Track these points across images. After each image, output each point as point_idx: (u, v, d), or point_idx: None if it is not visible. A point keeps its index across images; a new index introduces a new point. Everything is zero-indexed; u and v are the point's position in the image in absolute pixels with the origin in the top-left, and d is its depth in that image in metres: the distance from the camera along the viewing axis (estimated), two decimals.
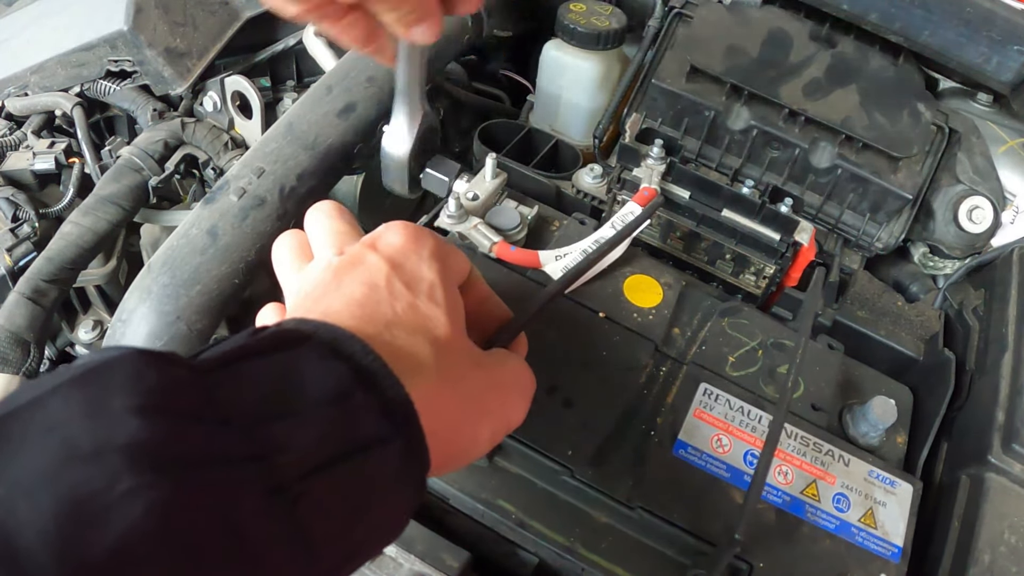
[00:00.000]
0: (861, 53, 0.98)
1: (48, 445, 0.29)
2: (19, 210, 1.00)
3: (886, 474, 0.67)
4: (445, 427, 0.42)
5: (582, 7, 1.08)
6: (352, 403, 0.37)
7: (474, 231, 0.75)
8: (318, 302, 0.44)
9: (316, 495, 0.34)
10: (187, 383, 0.33)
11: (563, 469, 0.63)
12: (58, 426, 0.29)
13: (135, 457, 0.29)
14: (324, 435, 0.35)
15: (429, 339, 0.43)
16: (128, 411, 0.30)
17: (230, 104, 1.08)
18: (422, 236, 0.49)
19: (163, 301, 0.77)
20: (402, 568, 0.68)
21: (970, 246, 0.95)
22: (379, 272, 0.45)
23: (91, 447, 0.29)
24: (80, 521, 0.27)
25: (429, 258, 0.48)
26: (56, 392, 0.31)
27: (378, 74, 0.92)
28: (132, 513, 0.28)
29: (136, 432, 0.30)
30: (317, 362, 0.37)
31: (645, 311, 0.74)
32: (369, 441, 0.37)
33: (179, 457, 0.30)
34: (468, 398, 0.45)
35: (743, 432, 0.67)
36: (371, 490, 0.37)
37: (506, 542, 0.71)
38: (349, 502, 0.36)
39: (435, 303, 0.46)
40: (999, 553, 0.65)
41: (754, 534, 0.62)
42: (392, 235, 0.49)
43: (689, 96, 0.93)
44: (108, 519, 0.27)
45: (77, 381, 0.31)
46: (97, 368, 0.32)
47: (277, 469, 0.33)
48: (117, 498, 0.28)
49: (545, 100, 1.15)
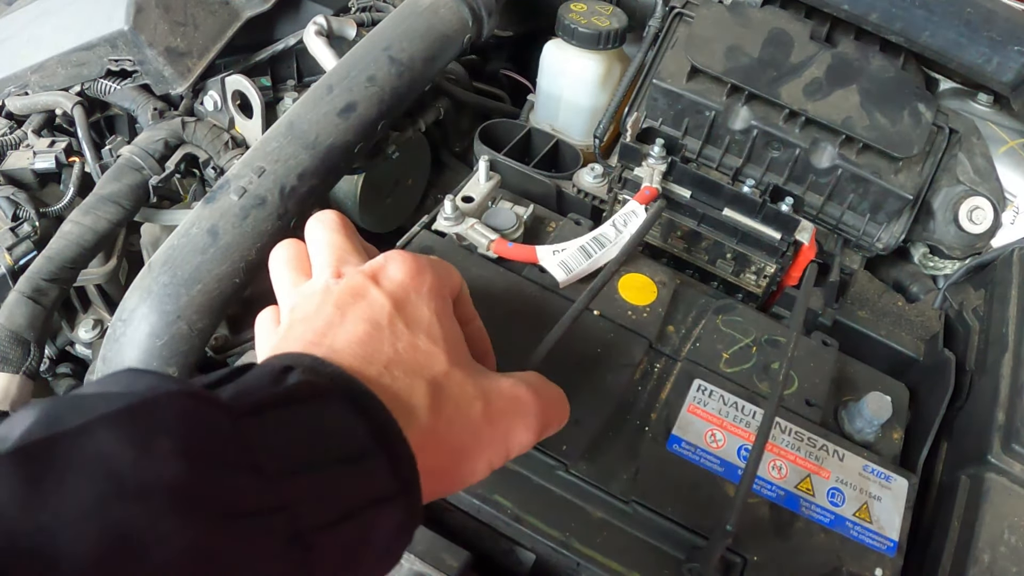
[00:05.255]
0: (862, 53, 0.98)
1: (95, 478, 0.29)
2: (19, 209, 1.00)
3: (881, 469, 0.67)
4: (438, 467, 0.44)
5: (583, 7, 1.08)
6: (368, 464, 0.39)
7: (471, 231, 0.76)
8: (322, 336, 0.45)
9: (327, 544, 0.36)
10: (226, 429, 0.34)
11: (558, 464, 0.63)
12: (105, 460, 0.30)
13: (178, 499, 0.30)
14: (341, 491, 0.37)
15: (427, 379, 0.45)
16: (174, 454, 0.31)
17: (230, 103, 1.08)
18: (423, 271, 0.50)
19: (164, 300, 0.77)
20: (402, 568, 0.68)
21: (970, 246, 0.94)
22: (382, 311, 0.46)
23: (137, 485, 0.30)
24: (122, 556, 0.28)
25: (428, 295, 0.49)
26: (103, 423, 0.31)
27: (379, 74, 0.93)
28: (170, 554, 0.29)
29: (180, 475, 0.31)
30: (338, 417, 0.39)
31: (639, 309, 0.74)
32: (380, 497, 0.39)
33: (217, 503, 0.32)
34: (464, 434, 0.46)
35: (737, 427, 0.67)
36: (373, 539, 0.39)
37: (504, 539, 0.70)
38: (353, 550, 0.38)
39: (433, 341, 0.47)
40: (999, 553, 0.64)
41: (748, 528, 0.62)
42: (394, 269, 0.49)
43: (690, 96, 0.93)
44: (148, 556, 0.29)
45: (125, 416, 0.32)
46: (146, 405, 0.33)
47: (298, 519, 0.34)
48: (158, 537, 0.29)
49: (546, 100, 1.15)
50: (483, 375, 0.49)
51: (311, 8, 1.16)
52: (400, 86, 0.94)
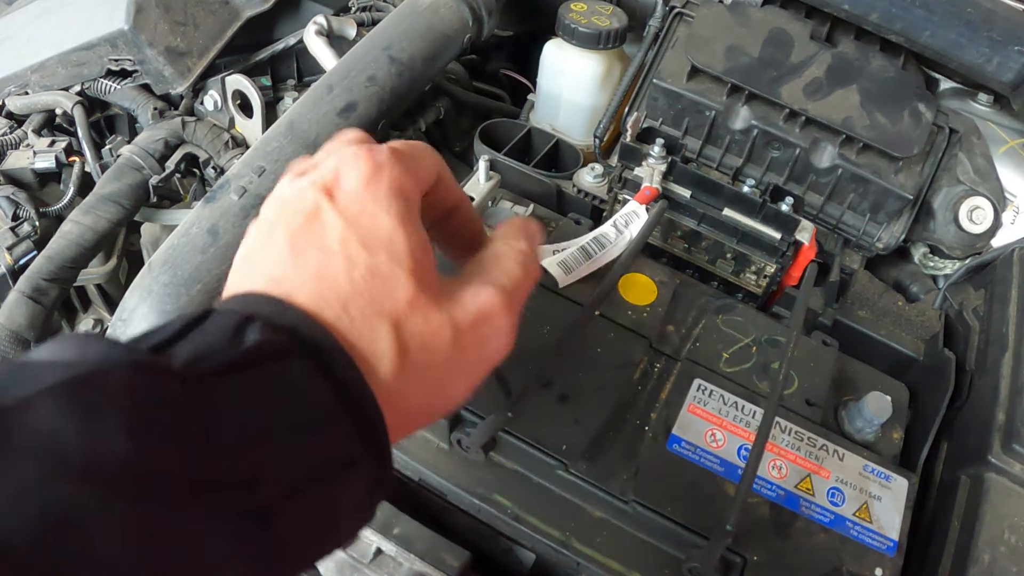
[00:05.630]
0: (862, 53, 0.98)
1: (37, 457, 0.28)
2: (19, 209, 1.00)
3: (881, 468, 0.67)
4: (412, 406, 0.42)
5: (583, 7, 1.08)
6: (332, 428, 0.37)
7: None
8: (279, 273, 0.41)
9: (290, 516, 0.34)
10: (178, 401, 0.33)
11: (558, 464, 0.63)
12: (48, 437, 0.29)
13: (126, 478, 0.29)
14: (304, 460, 0.35)
15: (389, 316, 0.41)
16: (120, 430, 0.30)
17: (231, 103, 1.08)
18: (380, 169, 0.43)
19: (164, 300, 0.77)
20: (402, 568, 0.68)
21: (970, 246, 0.94)
22: (334, 233, 0.42)
23: (81, 464, 0.28)
24: (65, 539, 0.27)
25: (388, 197, 0.43)
26: (48, 396, 0.30)
27: (379, 73, 0.93)
28: (118, 536, 0.28)
29: (128, 453, 0.29)
30: (299, 379, 0.37)
31: (639, 308, 0.74)
32: (346, 462, 0.37)
33: (168, 480, 0.30)
34: (435, 369, 0.43)
35: (737, 427, 0.67)
36: (340, 506, 0.38)
37: (504, 538, 0.71)
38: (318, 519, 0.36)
39: (395, 260, 0.42)
40: (999, 553, 0.64)
41: (748, 528, 0.62)
42: (349, 178, 0.43)
43: (690, 96, 0.93)
44: (94, 539, 0.27)
45: (68, 389, 0.30)
46: (94, 377, 0.31)
47: (257, 492, 0.33)
48: (105, 520, 0.28)
49: (546, 99, 1.15)
50: (448, 296, 0.44)
51: (311, 8, 1.16)
52: (400, 86, 0.94)
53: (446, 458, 0.68)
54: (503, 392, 0.65)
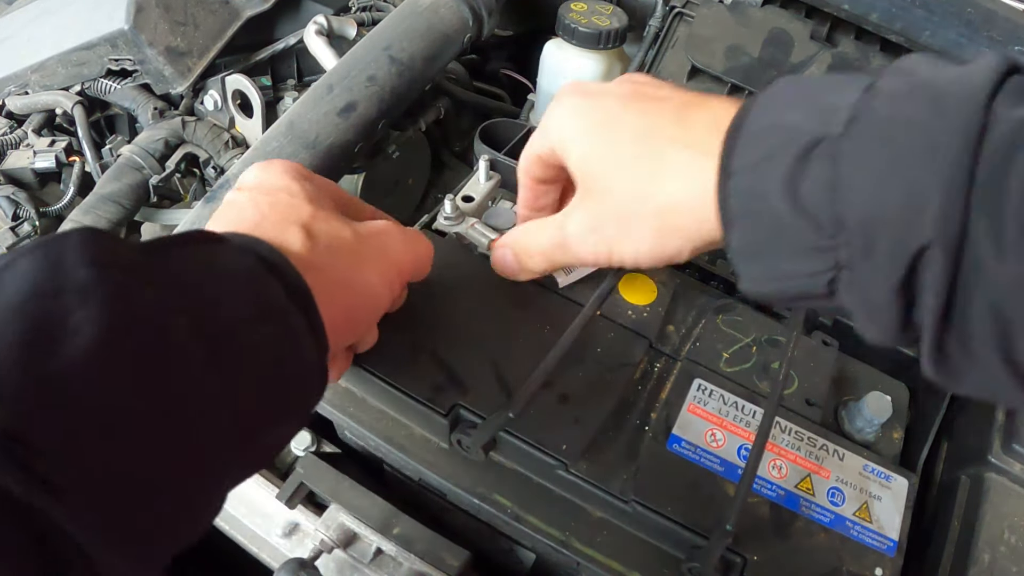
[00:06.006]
0: (862, 53, 0.98)
1: (18, 287, 0.35)
2: (19, 208, 1.00)
3: (881, 468, 0.67)
4: (331, 283, 0.50)
5: (583, 6, 1.08)
6: (261, 281, 0.45)
7: (471, 231, 0.76)
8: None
9: (233, 346, 0.41)
10: (130, 250, 0.40)
11: (557, 463, 0.63)
12: (25, 275, 0.36)
13: (88, 294, 0.35)
14: (240, 299, 0.43)
15: (296, 223, 0.52)
16: (82, 264, 0.37)
17: (231, 103, 1.08)
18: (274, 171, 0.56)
19: None
20: (402, 568, 0.68)
21: None
22: (240, 197, 0.54)
23: (52, 288, 0.35)
24: (42, 341, 0.33)
25: (281, 172, 0.56)
26: (22, 255, 0.37)
27: (379, 73, 0.93)
28: (84, 337, 0.34)
29: (90, 279, 0.36)
30: (232, 253, 0.46)
31: (639, 308, 0.74)
32: (276, 306, 0.45)
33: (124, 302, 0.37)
34: (341, 253, 0.53)
35: (737, 427, 0.67)
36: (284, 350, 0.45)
37: (504, 538, 0.71)
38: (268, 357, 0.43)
39: (293, 195, 0.54)
40: (999, 553, 0.64)
41: (748, 528, 0.61)
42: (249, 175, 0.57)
43: None
44: (65, 340, 0.34)
45: (39, 247, 0.37)
46: (55, 238, 0.38)
47: (209, 321, 0.40)
48: (73, 325, 0.34)
49: (546, 99, 1.15)
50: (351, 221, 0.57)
51: (311, 8, 1.16)
52: (400, 85, 0.94)
53: (446, 458, 0.68)
54: (503, 392, 0.65)
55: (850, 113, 0.41)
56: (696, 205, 0.49)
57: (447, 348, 0.68)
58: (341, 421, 0.71)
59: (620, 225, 0.54)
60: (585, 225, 0.57)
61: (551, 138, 0.57)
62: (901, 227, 0.39)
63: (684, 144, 0.49)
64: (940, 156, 0.38)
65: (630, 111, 0.52)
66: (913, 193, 0.38)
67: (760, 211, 0.44)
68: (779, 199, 0.43)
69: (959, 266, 0.37)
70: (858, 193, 0.40)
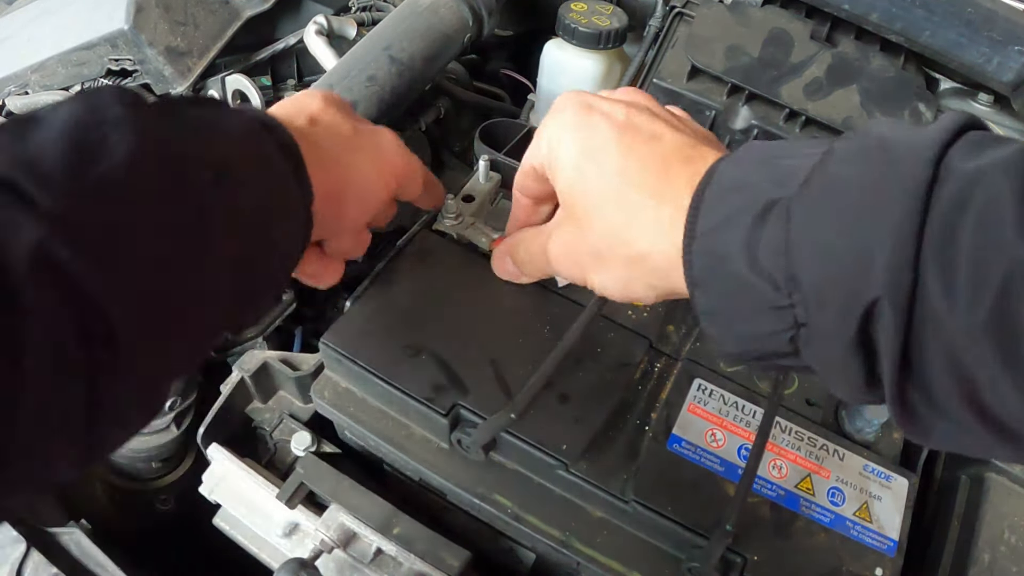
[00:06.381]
0: (862, 53, 0.98)
1: (64, 120, 0.41)
2: None
3: (881, 468, 0.67)
4: (322, 158, 0.57)
5: (583, 6, 1.08)
6: (260, 135, 0.52)
7: (472, 231, 0.76)
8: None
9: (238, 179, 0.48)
10: (152, 101, 0.47)
11: (558, 463, 0.63)
12: (70, 111, 0.42)
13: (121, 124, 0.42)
14: (244, 147, 0.50)
15: (305, 112, 0.61)
16: (117, 104, 0.43)
17: (231, 103, 1.08)
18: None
19: None
20: (402, 568, 0.68)
21: None
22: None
23: (92, 120, 0.42)
24: (85, 156, 0.40)
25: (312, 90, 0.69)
26: (65, 102, 0.43)
27: (379, 73, 0.92)
28: (119, 154, 0.41)
29: (121, 112, 0.43)
30: (236, 115, 0.53)
31: (640, 308, 0.74)
32: (270, 157, 0.52)
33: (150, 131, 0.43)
34: (337, 139, 0.61)
35: (737, 427, 0.67)
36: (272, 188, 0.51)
37: (504, 538, 0.71)
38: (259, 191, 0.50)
39: (311, 96, 0.64)
40: (999, 553, 0.65)
41: (748, 528, 0.62)
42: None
43: (690, 95, 0.93)
44: (103, 156, 0.40)
45: (79, 95, 0.44)
46: (92, 90, 0.47)
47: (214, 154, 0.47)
48: (110, 145, 0.41)
49: (546, 99, 1.15)
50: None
51: (311, 7, 1.16)
52: (400, 85, 0.94)
53: (446, 458, 0.68)
54: (503, 392, 0.65)
55: (805, 175, 0.43)
56: (663, 262, 0.50)
57: (447, 348, 0.68)
58: (341, 421, 0.71)
59: (593, 259, 0.55)
60: (563, 248, 0.58)
61: (542, 154, 0.58)
62: (850, 282, 0.39)
63: (661, 199, 0.50)
64: (887, 211, 0.38)
65: (621, 146, 0.53)
66: (861, 248, 0.39)
67: (722, 273, 0.46)
68: (739, 262, 0.44)
69: (911, 318, 0.38)
70: (808, 252, 0.41)
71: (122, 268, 0.40)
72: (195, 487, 0.76)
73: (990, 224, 0.36)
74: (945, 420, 0.40)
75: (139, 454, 0.87)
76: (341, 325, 0.70)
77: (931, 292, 0.37)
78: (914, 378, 0.39)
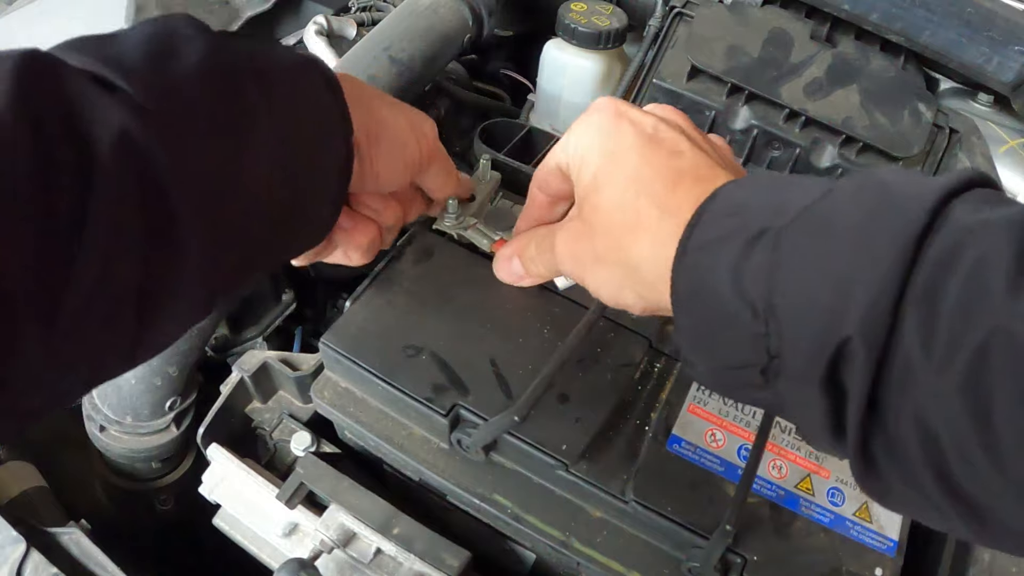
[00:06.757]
0: (862, 53, 0.98)
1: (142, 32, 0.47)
2: None
3: None
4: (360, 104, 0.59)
5: (583, 6, 1.08)
6: (306, 68, 0.55)
7: (472, 231, 0.76)
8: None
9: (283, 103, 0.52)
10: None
11: (558, 463, 0.63)
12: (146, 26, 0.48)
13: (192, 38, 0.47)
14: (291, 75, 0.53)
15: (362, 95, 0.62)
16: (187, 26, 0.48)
17: None
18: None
19: None
20: (402, 568, 0.68)
21: None
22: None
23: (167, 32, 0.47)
24: (161, 58, 0.45)
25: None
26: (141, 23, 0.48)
27: (379, 73, 0.92)
28: (191, 59, 0.46)
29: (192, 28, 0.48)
30: (288, 52, 0.57)
31: None
32: (316, 87, 0.55)
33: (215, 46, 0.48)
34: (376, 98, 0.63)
35: (737, 427, 0.67)
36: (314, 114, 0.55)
37: (504, 538, 0.71)
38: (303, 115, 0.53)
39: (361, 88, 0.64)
40: (999, 552, 0.64)
41: (748, 528, 0.62)
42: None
43: (690, 95, 0.93)
44: (178, 59, 0.46)
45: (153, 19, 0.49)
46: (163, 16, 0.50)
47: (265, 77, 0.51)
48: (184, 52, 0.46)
49: (546, 99, 1.15)
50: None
51: (311, 7, 1.16)
52: (400, 86, 0.94)
53: (446, 458, 0.68)
54: (503, 393, 0.65)
55: (804, 207, 0.43)
56: (653, 274, 0.50)
57: (447, 348, 0.68)
58: (341, 421, 0.71)
59: (593, 259, 0.55)
60: (569, 243, 0.58)
61: (568, 153, 0.58)
62: (827, 316, 0.39)
63: (665, 210, 0.50)
64: (877, 251, 0.38)
65: (641, 154, 0.53)
66: (843, 284, 0.38)
67: (705, 292, 0.45)
68: (724, 283, 0.44)
69: (884, 363, 0.37)
70: (790, 281, 0.41)
71: (190, 158, 0.44)
72: (195, 487, 0.76)
73: (980, 279, 0.35)
74: (907, 480, 0.39)
75: (139, 454, 0.87)
76: (341, 325, 0.70)
77: (908, 341, 0.36)
78: (879, 427, 0.38)
